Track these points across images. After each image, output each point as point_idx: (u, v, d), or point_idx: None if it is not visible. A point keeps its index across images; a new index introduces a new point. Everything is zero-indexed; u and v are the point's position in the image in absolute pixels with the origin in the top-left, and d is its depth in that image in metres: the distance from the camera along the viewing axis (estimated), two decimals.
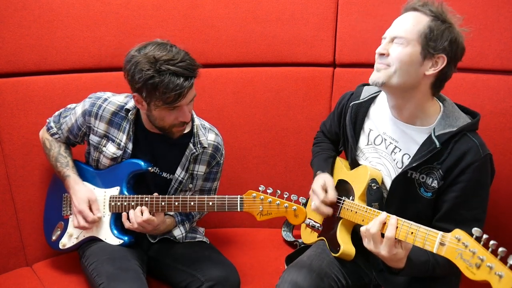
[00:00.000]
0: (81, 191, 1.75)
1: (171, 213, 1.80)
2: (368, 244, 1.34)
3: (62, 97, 1.98)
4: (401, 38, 1.39)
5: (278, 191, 1.59)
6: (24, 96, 1.95)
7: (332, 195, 1.60)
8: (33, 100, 1.97)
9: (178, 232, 1.83)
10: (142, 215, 1.65)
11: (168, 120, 1.62)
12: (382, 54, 1.42)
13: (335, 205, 1.65)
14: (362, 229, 1.35)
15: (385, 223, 1.31)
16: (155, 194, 1.68)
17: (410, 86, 1.42)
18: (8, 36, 1.91)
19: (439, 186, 1.42)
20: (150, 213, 1.65)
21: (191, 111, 1.67)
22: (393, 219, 1.30)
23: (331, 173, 1.75)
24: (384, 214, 1.33)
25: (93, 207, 1.73)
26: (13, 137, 1.94)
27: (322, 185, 1.64)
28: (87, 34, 2.02)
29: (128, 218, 1.69)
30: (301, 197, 1.59)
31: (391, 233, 1.28)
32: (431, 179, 1.43)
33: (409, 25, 1.40)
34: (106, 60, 2.03)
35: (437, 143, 1.41)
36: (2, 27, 1.90)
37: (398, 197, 1.49)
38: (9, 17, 1.91)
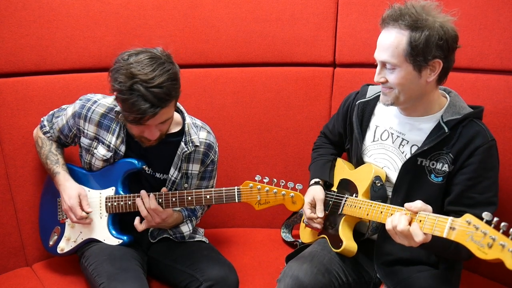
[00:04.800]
0: (71, 187, 1.74)
1: (177, 208, 1.79)
2: (400, 240, 1.32)
3: (62, 97, 1.98)
4: (389, 64, 1.42)
5: (275, 179, 1.61)
6: (24, 96, 1.95)
7: (319, 212, 1.66)
8: (33, 100, 1.97)
9: (186, 229, 1.83)
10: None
11: (134, 131, 1.63)
12: (382, 82, 1.46)
13: (336, 203, 1.66)
14: (388, 227, 1.34)
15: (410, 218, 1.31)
16: (164, 189, 1.69)
17: (417, 96, 1.47)
18: (8, 36, 1.91)
19: (449, 170, 1.46)
20: None
21: (162, 130, 1.63)
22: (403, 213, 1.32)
23: (329, 177, 1.78)
24: (402, 211, 1.33)
25: (83, 203, 1.73)
26: (13, 137, 1.94)
27: (310, 201, 1.69)
28: (87, 34, 2.02)
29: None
30: (298, 184, 1.60)
31: (404, 225, 1.28)
32: (441, 164, 1.47)
33: (390, 49, 1.40)
34: (106, 60, 2.02)
35: (446, 128, 1.45)
36: (2, 27, 1.90)
37: (406, 185, 1.52)
38: (9, 17, 1.91)
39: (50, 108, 1.90)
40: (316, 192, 1.71)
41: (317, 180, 1.77)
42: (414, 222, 1.29)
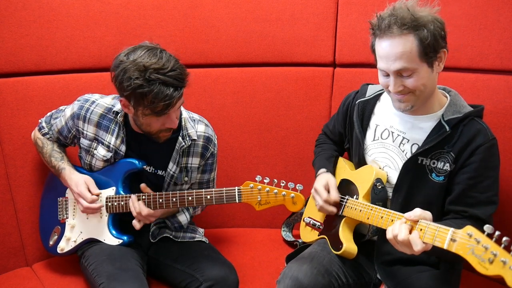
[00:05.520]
0: (77, 177, 1.75)
1: None
2: (402, 248, 1.32)
3: (62, 97, 1.98)
4: (407, 70, 1.39)
5: (275, 180, 1.61)
6: (24, 96, 1.95)
7: (334, 195, 1.63)
8: (33, 100, 1.97)
9: (184, 218, 1.83)
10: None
11: (155, 126, 1.62)
12: (400, 90, 1.44)
13: (337, 204, 1.66)
14: (388, 237, 1.33)
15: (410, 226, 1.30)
16: (142, 185, 1.70)
17: (431, 91, 1.47)
18: (8, 36, 1.92)
19: (451, 169, 1.45)
20: None
21: (178, 117, 1.65)
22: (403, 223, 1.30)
23: (333, 172, 1.77)
24: (403, 219, 1.32)
25: (90, 187, 1.73)
26: (13, 137, 1.94)
27: (325, 185, 1.67)
28: (87, 34, 2.02)
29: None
30: (298, 184, 1.60)
31: (404, 234, 1.28)
32: (442, 163, 1.47)
33: (404, 56, 1.38)
34: (106, 60, 2.02)
35: (447, 127, 1.46)
36: (2, 27, 1.90)
37: (407, 184, 1.52)
38: (9, 17, 1.91)
39: (50, 108, 1.90)
40: (329, 177, 1.69)
41: (325, 170, 1.75)
42: (414, 230, 1.28)
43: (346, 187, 1.68)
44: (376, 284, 1.62)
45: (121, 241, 1.74)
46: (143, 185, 1.70)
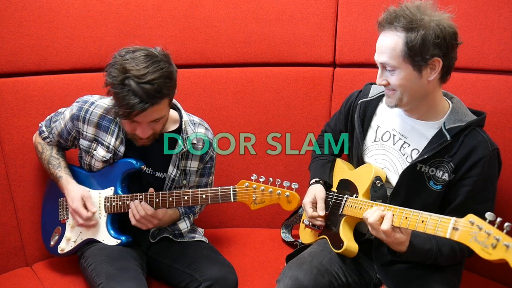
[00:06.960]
0: (74, 190, 1.75)
1: None
2: (371, 230, 1.40)
3: (62, 97, 1.98)
4: (389, 66, 1.43)
5: (270, 179, 1.61)
6: (24, 96, 1.95)
7: (320, 209, 1.66)
8: (33, 100, 1.97)
9: (184, 226, 1.84)
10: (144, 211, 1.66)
11: (126, 128, 1.64)
12: (384, 84, 1.47)
13: (337, 203, 1.66)
14: (364, 215, 1.42)
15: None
16: (151, 190, 1.69)
17: (420, 96, 1.47)
18: (8, 36, 1.91)
19: (450, 179, 1.45)
20: None
21: (156, 129, 1.62)
22: (388, 213, 1.35)
23: (329, 178, 1.77)
24: (382, 208, 1.40)
25: (87, 204, 1.73)
26: (13, 137, 1.94)
27: (312, 199, 1.69)
28: (87, 34, 2.02)
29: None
30: (294, 183, 1.60)
31: (387, 226, 1.33)
32: (441, 172, 1.46)
33: (388, 51, 1.41)
34: (106, 60, 1.98)
35: (448, 136, 1.45)
36: (2, 27, 1.90)
37: (405, 190, 1.52)
38: (9, 17, 1.91)
39: (50, 108, 1.90)
40: (317, 190, 1.71)
41: (317, 179, 1.77)
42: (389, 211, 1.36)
43: (346, 187, 1.68)
44: (376, 284, 1.62)
45: (119, 241, 1.74)
46: (151, 190, 1.70)
